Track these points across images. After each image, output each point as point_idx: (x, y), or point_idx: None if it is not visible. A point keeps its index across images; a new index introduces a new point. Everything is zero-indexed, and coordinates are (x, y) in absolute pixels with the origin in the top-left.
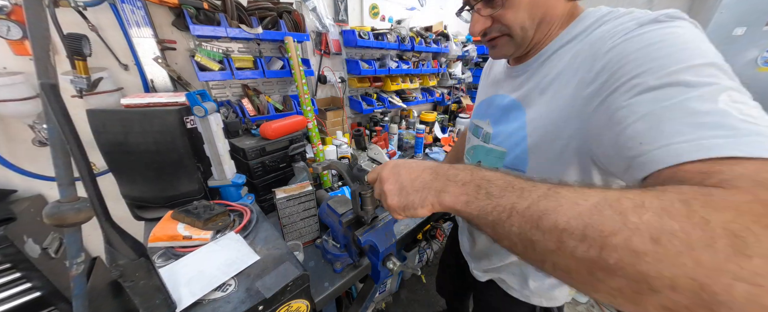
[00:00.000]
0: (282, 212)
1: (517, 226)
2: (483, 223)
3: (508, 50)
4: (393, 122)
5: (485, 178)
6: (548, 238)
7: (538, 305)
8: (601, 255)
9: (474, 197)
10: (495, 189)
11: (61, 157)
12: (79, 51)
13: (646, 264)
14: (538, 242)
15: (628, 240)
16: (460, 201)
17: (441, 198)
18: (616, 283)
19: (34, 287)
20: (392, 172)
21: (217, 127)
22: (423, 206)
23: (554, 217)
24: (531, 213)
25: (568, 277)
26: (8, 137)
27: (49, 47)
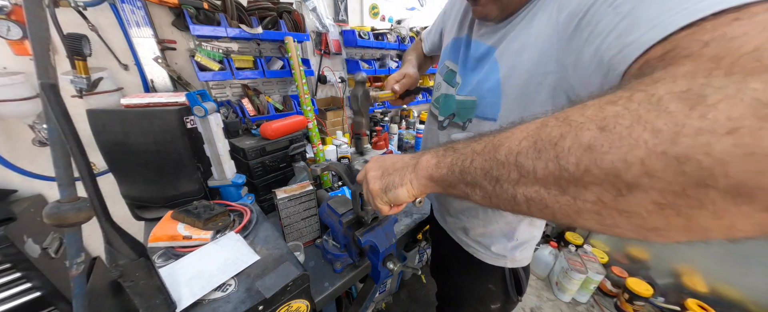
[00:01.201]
0: (283, 212)
1: (480, 166)
2: (454, 180)
3: (492, 11)
4: (393, 122)
5: (454, 140)
6: (509, 168)
7: (505, 267)
8: (560, 165)
9: (443, 156)
10: (460, 145)
11: (61, 157)
12: (79, 51)
13: (604, 155)
14: (502, 176)
15: (577, 136)
16: (431, 164)
17: (417, 171)
18: (592, 195)
19: (34, 287)
20: (376, 161)
21: (217, 127)
22: (402, 184)
23: (508, 143)
24: (488, 149)
25: (544, 206)
26: (8, 137)
27: (49, 47)
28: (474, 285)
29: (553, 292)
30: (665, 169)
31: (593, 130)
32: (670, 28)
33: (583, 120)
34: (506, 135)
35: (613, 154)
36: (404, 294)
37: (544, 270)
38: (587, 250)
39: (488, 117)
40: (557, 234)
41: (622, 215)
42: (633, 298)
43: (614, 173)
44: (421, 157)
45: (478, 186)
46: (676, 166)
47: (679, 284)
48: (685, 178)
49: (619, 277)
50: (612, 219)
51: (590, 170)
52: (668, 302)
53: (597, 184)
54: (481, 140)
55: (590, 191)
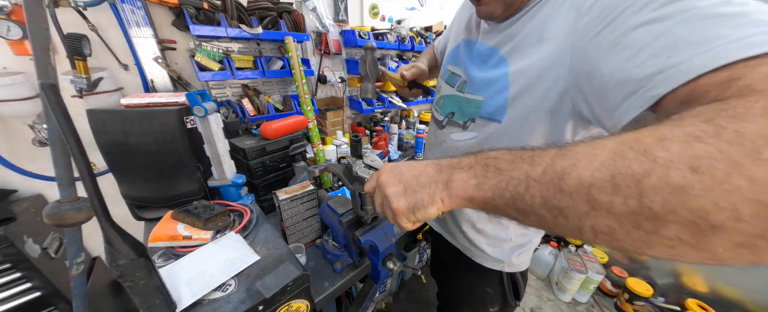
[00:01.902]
0: (285, 213)
1: (539, 195)
2: (501, 204)
3: (496, 9)
4: (393, 122)
5: (490, 156)
6: (577, 200)
7: (502, 271)
8: (641, 203)
9: (484, 177)
10: (503, 163)
11: (61, 157)
12: (79, 51)
13: (695, 198)
14: (568, 207)
15: (664, 177)
16: (470, 185)
17: (450, 189)
18: (671, 232)
19: (34, 287)
20: (392, 173)
21: (217, 127)
22: (433, 203)
23: (575, 173)
24: (549, 177)
25: (614, 239)
26: (8, 137)
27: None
28: (472, 287)
29: (553, 292)
30: (755, 214)
31: (684, 170)
32: (730, 57)
33: (671, 157)
34: (571, 162)
35: (704, 198)
36: (404, 294)
37: (544, 270)
38: (587, 250)
39: (494, 118)
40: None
41: (696, 250)
42: (633, 298)
43: (702, 216)
44: (452, 174)
45: (534, 214)
46: (766, 213)
47: (679, 284)
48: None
49: (619, 277)
50: (683, 252)
51: (676, 211)
52: (668, 302)
53: (680, 223)
54: (535, 162)
55: (669, 229)
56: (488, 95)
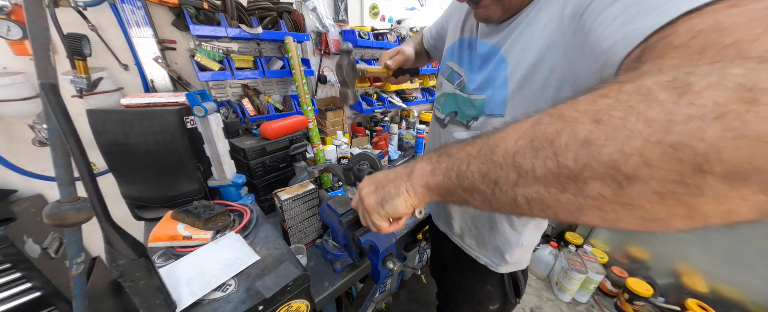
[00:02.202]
0: (287, 214)
1: (477, 170)
2: (451, 186)
3: (494, 13)
4: (393, 122)
5: (448, 145)
6: (507, 170)
7: (505, 272)
8: (558, 162)
9: (437, 162)
10: (453, 150)
11: (61, 157)
12: (79, 51)
13: (601, 148)
14: (500, 178)
15: (572, 133)
16: (427, 172)
17: (412, 179)
18: (593, 190)
19: (34, 287)
20: (368, 180)
21: (217, 127)
22: (398, 194)
23: (503, 144)
24: (484, 152)
25: (545, 206)
26: (8, 137)
27: (49, 47)
28: (473, 285)
29: (553, 292)
30: (662, 157)
31: (588, 123)
32: (672, 14)
33: (577, 114)
34: (501, 135)
35: (610, 146)
36: (404, 294)
37: (544, 270)
38: (587, 250)
39: (496, 114)
40: (557, 234)
41: (624, 208)
42: (633, 298)
43: (613, 166)
44: (415, 165)
45: (477, 191)
46: (672, 154)
47: (679, 284)
48: (683, 165)
49: (619, 277)
50: (614, 213)
51: (589, 165)
52: (668, 302)
53: (597, 178)
54: (475, 143)
55: (591, 187)
56: (490, 93)
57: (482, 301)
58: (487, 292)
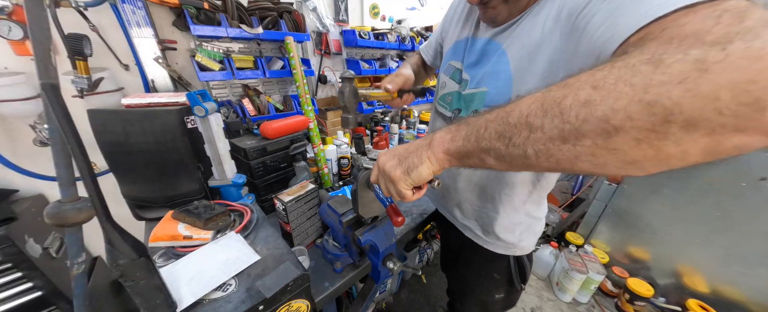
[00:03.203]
0: (291, 215)
1: (494, 130)
2: (470, 149)
3: (500, 13)
4: (393, 122)
5: (464, 118)
6: (520, 128)
7: (511, 255)
8: (563, 119)
9: (456, 131)
10: (471, 119)
11: (62, 157)
12: (80, 51)
13: (597, 107)
14: (514, 135)
15: (576, 96)
16: (446, 139)
17: (432, 147)
18: (588, 139)
19: (35, 287)
20: (387, 154)
21: (217, 127)
22: (421, 162)
23: (518, 108)
24: (500, 116)
25: (549, 156)
26: (9, 137)
27: (50, 47)
28: (479, 275)
29: (553, 293)
30: (641, 111)
31: (587, 89)
32: (646, 19)
33: (579, 83)
34: (515, 103)
35: (604, 105)
36: (405, 294)
37: (544, 270)
38: (588, 251)
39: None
40: (558, 234)
41: (610, 153)
42: (634, 298)
43: (605, 120)
44: (433, 136)
45: (493, 149)
46: (648, 109)
47: (680, 284)
48: (655, 117)
49: (620, 278)
50: (603, 158)
51: (587, 120)
52: (669, 302)
53: (592, 130)
54: (492, 111)
55: (587, 137)
56: (492, 85)
57: (489, 289)
58: (493, 281)
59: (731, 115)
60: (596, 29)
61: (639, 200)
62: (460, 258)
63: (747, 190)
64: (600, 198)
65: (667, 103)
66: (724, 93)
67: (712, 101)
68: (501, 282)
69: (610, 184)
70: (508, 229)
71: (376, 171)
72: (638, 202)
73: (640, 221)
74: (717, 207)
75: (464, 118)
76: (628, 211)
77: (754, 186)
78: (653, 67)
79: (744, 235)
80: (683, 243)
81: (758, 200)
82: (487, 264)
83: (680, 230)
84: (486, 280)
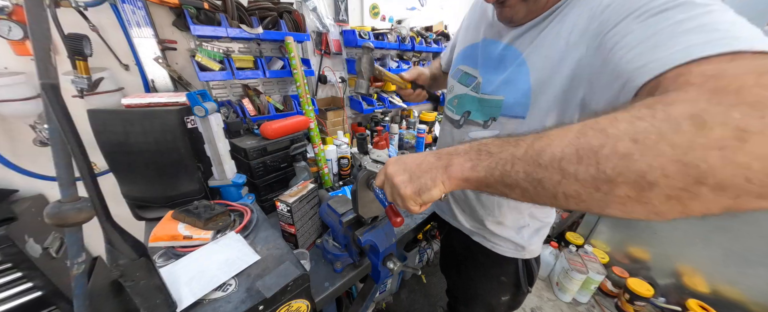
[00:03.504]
0: (296, 215)
1: (522, 170)
2: (492, 182)
3: (518, 13)
4: (394, 122)
5: (482, 143)
6: (551, 172)
7: (521, 258)
8: (598, 169)
9: (477, 160)
10: (494, 148)
11: (62, 157)
12: (80, 51)
13: (635, 161)
14: (544, 179)
15: (614, 147)
16: (467, 168)
17: (449, 172)
18: (622, 191)
19: (35, 287)
20: (397, 164)
21: (217, 127)
22: (435, 185)
23: (550, 150)
24: (530, 155)
25: (580, 201)
26: (9, 137)
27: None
28: (487, 278)
29: (553, 293)
30: (677, 171)
31: (627, 141)
32: (688, 57)
33: (618, 132)
34: (546, 142)
35: (642, 161)
36: (405, 294)
37: (544, 270)
38: (588, 251)
39: (517, 115)
40: (558, 234)
41: (640, 205)
42: (634, 298)
43: (642, 175)
44: (451, 160)
45: (519, 187)
46: (685, 170)
47: (680, 284)
48: (689, 178)
49: (620, 278)
50: (632, 207)
51: (623, 173)
52: (669, 302)
53: (627, 183)
54: (518, 145)
55: (620, 188)
56: (510, 94)
57: (495, 292)
58: (501, 283)
59: (758, 185)
60: (627, 51)
61: None
62: (465, 260)
63: None
64: None
65: (703, 167)
66: (756, 164)
67: (744, 170)
68: (508, 285)
69: None
70: (515, 232)
71: (383, 178)
72: None
73: (640, 221)
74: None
75: (482, 143)
76: None
77: None
78: (696, 129)
79: (744, 235)
80: (683, 243)
81: None
82: (495, 267)
83: (680, 230)
84: (493, 283)
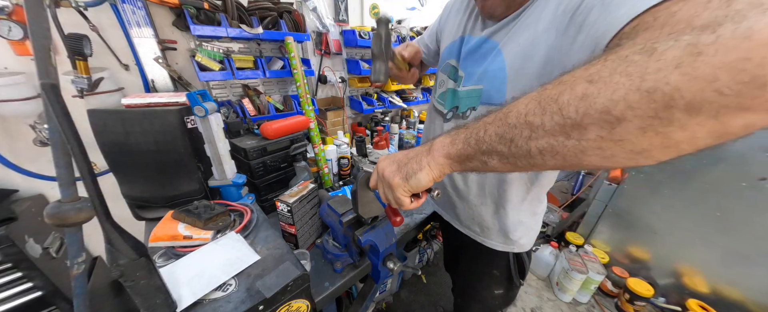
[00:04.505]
0: (296, 215)
1: (494, 132)
2: (471, 152)
3: (499, 7)
4: (393, 122)
5: (460, 123)
6: (520, 128)
7: (511, 251)
8: (563, 115)
9: (455, 135)
10: (470, 122)
11: (62, 157)
12: (80, 51)
13: (595, 99)
14: (515, 136)
15: (572, 91)
16: (446, 143)
17: (432, 154)
18: (591, 132)
19: (36, 287)
20: (387, 159)
21: (217, 126)
22: (421, 169)
23: (515, 109)
24: (498, 117)
25: (555, 154)
26: (9, 137)
27: (50, 47)
28: (480, 271)
29: (553, 293)
30: (640, 100)
31: (583, 83)
32: (639, 9)
33: (574, 79)
34: (512, 104)
35: (602, 97)
36: (405, 294)
37: (544, 270)
38: (588, 250)
39: (494, 102)
40: (558, 234)
41: (617, 144)
42: (634, 298)
43: (606, 111)
44: (433, 142)
45: (495, 152)
46: (647, 97)
47: (680, 284)
48: (656, 104)
49: (620, 278)
50: (610, 150)
51: (588, 113)
52: (669, 302)
53: (594, 123)
54: (489, 114)
55: (590, 131)
56: (487, 83)
57: (488, 285)
58: (493, 277)
59: (733, 95)
60: (592, 24)
61: (639, 200)
62: (462, 254)
63: (747, 191)
64: (600, 198)
65: (666, 89)
66: (722, 73)
67: (711, 82)
68: (500, 278)
69: (610, 184)
70: (507, 227)
71: (376, 176)
72: (638, 203)
73: (640, 221)
74: (717, 207)
75: (463, 122)
76: (628, 211)
77: (753, 186)
78: (647, 56)
79: (744, 235)
80: (683, 243)
81: (758, 200)
82: (487, 261)
83: (680, 230)
84: (486, 277)
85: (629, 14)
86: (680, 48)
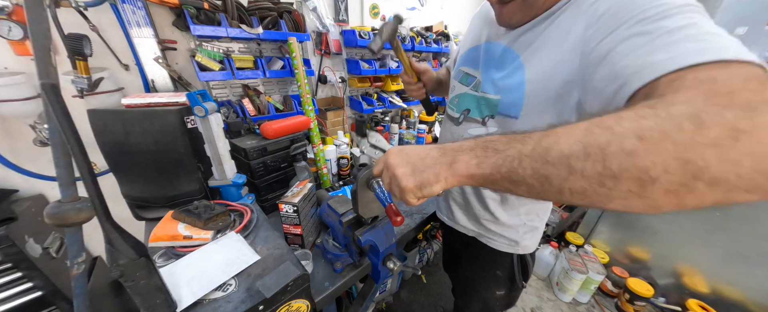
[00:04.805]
0: (302, 214)
1: (530, 167)
2: (499, 178)
3: (516, 16)
4: (393, 122)
5: (488, 140)
6: (559, 168)
7: (515, 253)
8: (605, 165)
9: (483, 157)
10: (500, 145)
11: (62, 157)
12: (80, 51)
13: (640, 158)
14: (552, 175)
15: (620, 144)
16: (472, 165)
17: (454, 169)
18: (625, 186)
19: (36, 287)
20: (399, 156)
21: (217, 126)
22: (437, 181)
23: (558, 147)
24: (538, 152)
25: (585, 197)
26: (9, 137)
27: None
28: (483, 272)
29: (553, 293)
30: (677, 167)
31: (633, 138)
32: (684, 63)
33: (624, 131)
34: (553, 139)
35: (647, 158)
36: (405, 294)
37: (544, 270)
38: (588, 251)
39: (511, 115)
40: (558, 234)
41: (641, 199)
42: (634, 298)
43: (645, 171)
44: (456, 156)
45: (525, 183)
46: (684, 166)
47: (680, 284)
48: (688, 174)
49: (620, 278)
50: (633, 202)
51: (629, 169)
52: (669, 302)
53: (630, 179)
54: (525, 142)
55: (623, 184)
56: (505, 94)
57: (490, 286)
58: (495, 278)
59: (747, 179)
60: (621, 58)
61: None
62: (464, 254)
63: None
64: None
65: (700, 163)
66: (746, 161)
67: (736, 166)
68: (503, 279)
69: None
70: (511, 227)
71: (382, 166)
72: None
73: (640, 221)
74: (717, 207)
75: (488, 139)
76: None
77: None
78: (696, 128)
79: (744, 235)
80: (683, 243)
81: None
82: (490, 261)
83: (680, 230)
84: (489, 277)
85: (667, 67)
86: (724, 128)
